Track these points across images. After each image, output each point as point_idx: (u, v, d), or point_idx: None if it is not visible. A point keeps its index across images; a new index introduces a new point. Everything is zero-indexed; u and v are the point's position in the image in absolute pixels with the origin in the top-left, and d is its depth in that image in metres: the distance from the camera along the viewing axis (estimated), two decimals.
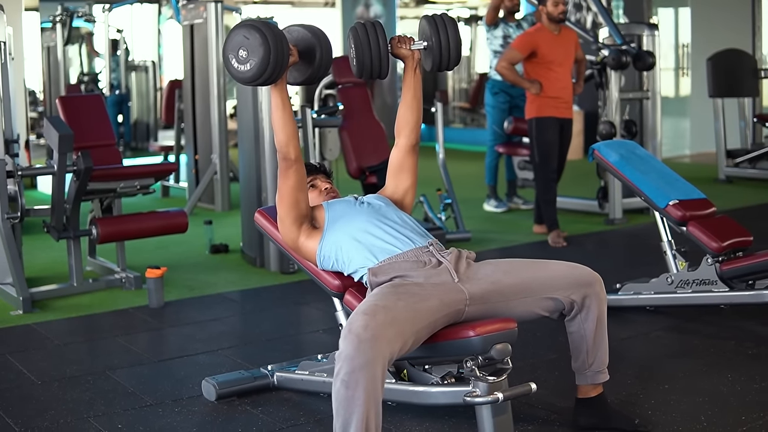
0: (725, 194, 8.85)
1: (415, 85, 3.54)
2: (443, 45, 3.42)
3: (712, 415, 3.43)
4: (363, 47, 3.32)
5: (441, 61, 3.45)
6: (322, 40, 3.36)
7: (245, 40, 3.14)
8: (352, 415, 2.66)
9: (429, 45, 3.46)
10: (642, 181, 4.83)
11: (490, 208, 8.41)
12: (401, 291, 2.97)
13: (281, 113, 3.27)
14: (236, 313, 5.30)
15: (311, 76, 3.41)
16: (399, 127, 3.61)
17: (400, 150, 3.62)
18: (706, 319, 4.72)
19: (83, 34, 14.96)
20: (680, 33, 12.86)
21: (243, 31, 3.15)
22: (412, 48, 3.48)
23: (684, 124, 12.98)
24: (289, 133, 3.28)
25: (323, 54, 3.36)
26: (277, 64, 3.14)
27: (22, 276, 5.29)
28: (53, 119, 5.20)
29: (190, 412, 3.63)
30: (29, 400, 3.80)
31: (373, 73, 3.36)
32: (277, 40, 3.13)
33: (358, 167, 6.95)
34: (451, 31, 3.42)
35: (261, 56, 3.11)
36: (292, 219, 3.37)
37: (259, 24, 3.16)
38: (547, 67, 6.88)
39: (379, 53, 3.33)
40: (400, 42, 3.48)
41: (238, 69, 3.18)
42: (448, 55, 3.44)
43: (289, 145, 3.28)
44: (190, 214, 7.84)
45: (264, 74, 3.15)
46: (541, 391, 3.38)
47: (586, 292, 3.16)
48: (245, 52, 3.14)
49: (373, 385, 2.66)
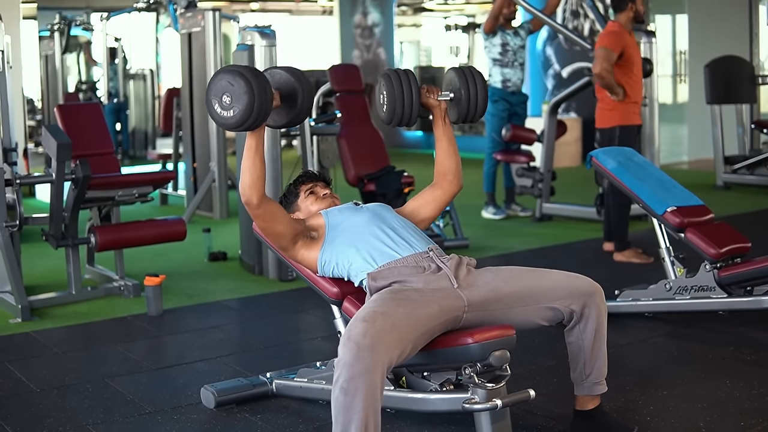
0: (723, 201, 8.85)
1: (448, 133, 3.60)
2: (471, 98, 3.46)
3: (710, 422, 3.43)
4: (396, 96, 3.36)
5: (468, 113, 3.49)
6: (303, 84, 3.34)
7: (230, 86, 3.11)
8: (351, 422, 2.66)
9: (455, 97, 3.49)
10: (640, 187, 4.84)
11: (488, 215, 8.41)
12: (400, 297, 2.98)
13: (252, 156, 3.22)
14: (235, 321, 5.30)
15: (292, 120, 3.39)
16: (441, 173, 3.64)
17: (443, 193, 3.64)
18: (704, 326, 4.72)
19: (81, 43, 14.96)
20: (678, 40, 12.88)
21: (228, 77, 3.12)
22: (439, 99, 3.52)
23: (682, 130, 13.00)
24: (255, 176, 3.22)
25: (305, 98, 3.34)
26: (260, 112, 3.11)
27: (21, 284, 5.29)
28: (51, 127, 5.20)
29: (189, 420, 3.63)
30: (28, 408, 3.80)
31: (403, 121, 3.41)
32: (261, 87, 3.10)
33: (356, 175, 6.96)
34: (480, 85, 3.46)
35: (245, 104, 3.08)
36: (281, 246, 3.41)
37: (244, 70, 3.13)
38: (630, 70, 6.49)
39: (411, 103, 3.38)
40: (428, 92, 3.53)
41: (221, 114, 3.15)
42: (476, 107, 3.47)
43: (252, 189, 3.22)
44: (189, 222, 7.84)
45: (247, 121, 3.12)
46: (540, 398, 3.38)
47: (585, 302, 3.16)
48: (229, 98, 3.11)
49: (372, 392, 2.67)
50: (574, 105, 12.46)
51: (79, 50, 14.99)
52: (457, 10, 17.71)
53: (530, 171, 8.16)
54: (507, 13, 8.18)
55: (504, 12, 8.16)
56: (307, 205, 3.60)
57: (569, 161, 12.12)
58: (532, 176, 8.11)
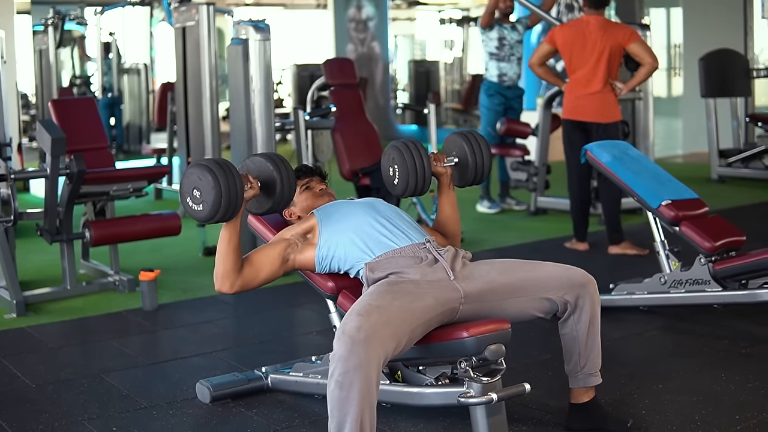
0: (718, 194, 8.87)
1: (452, 200, 3.67)
2: (478, 163, 3.58)
3: (706, 415, 3.44)
4: (409, 169, 3.43)
5: (475, 178, 3.61)
6: (283, 173, 3.29)
7: (198, 181, 3.10)
8: (347, 416, 2.66)
9: (461, 162, 3.59)
10: (634, 181, 4.84)
11: (483, 209, 8.42)
12: (396, 290, 2.98)
13: (225, 248, 3.23)
14: (230, 316, 5.30)
15: (272, 207, 3.36)
16: (441, 233, 3.65)
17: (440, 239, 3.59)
18: (699, 319, 4.73)
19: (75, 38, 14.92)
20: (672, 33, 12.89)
21: (197, 172, 3.11)
22: (445, 165, 3.59)
23: (676, 124, 13.01)
24: (228, 267, 3.23)
25: (284, 186, 3.30)
26: (229, 206, 3.10)
27: (16, 279, 5.28)
28: (46, 122, 5.19)
29: (184, 415, 3.63)
30: (23, 404, 3.79)
31: (416, 191, 3.48)
32: (229, 181, 3.08)
33: (351, 169, 6.95)
34: (484, 150, 3.60)
35: (213, 199, 3.08)
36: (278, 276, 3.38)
37: (212, 165, 3.11)
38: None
39: (424, 175, 3.44)
40: (435, 160, 3.57)
41: (192, 208, 3.15)
42: (482, 171, 3.60)
43: (224, 279, 3.24)
44: (183, 216, 7.83)
45: (216, 215, 3.11)
46: (535, 392, 3.39)
47: (579, 293, 3.17)
48: (198, 192, 3.11)
49: (368, 385, 2.67)
50: None
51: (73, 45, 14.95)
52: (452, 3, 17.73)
53: (525, 165, 8.17)
54: (504, 7, 8.18)
55: (500, 6, 8.16)
56: (302, 201, 3.58)
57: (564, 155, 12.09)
58: (527, 170, 8.12)
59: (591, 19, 6.53)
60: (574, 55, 6.51)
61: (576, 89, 6.56)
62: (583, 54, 6.49)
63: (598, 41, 6.45)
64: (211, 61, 8.35)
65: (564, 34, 6.57)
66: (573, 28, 6.60)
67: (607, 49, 6.43)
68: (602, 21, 6.56)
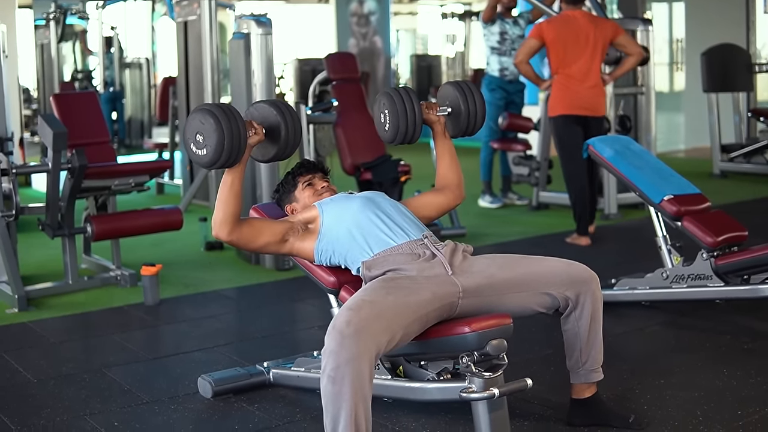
0: (720, 189, 8.86)
1: (450, 147, 3.65)
2: (471, 112, 3.53)
3: (708, 410, 3.44)
4: (399, 115, 3.40)
5: (468, 127, 3.56)
6: (287, 118, 3.29)
7: (201, 125, 3.10)
8: (340, 410, 2.66)
9: (454, 111, 3.56)
10: (637, 176, 4.84)
11: (485, 203, 8.42)
12: (392, 285, 2.98)
13: (227, 192, 3.21)
14: (232, 310, 5.30)
15: (277, 154, 3.35)
16: (443, 186, 3.67)
17: (444, 199, 3.65)
18: (701, 314, 4.73)
19: (77, 32, 14.90)
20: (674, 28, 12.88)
21: (199, 116, 3.11)
22: (437, 114, 3.57)
23: (678, 119, 13.01)
24: (228, 213, 3.21)
25: (289, 132, 3.30)
26: (232, 149, 3.10)
27: (17, 274, 5.28)
28: (47, 117, 5.19)
29: (186, 410, 3.63)
30: (25, 399, 3.80)
31: (406, 139, 3.45)
32: (231, 125, 3.08)
33: (353, 164, 6.95)
34: (478, 99, 3.54)
35: (215, 142, 3.07)
36: (271, 251, 3.42)
37: (214, 109, 3.11)
38: None
39: (414, 121, 3.41)
40: (427, 108, 3.56)
41: (196, 153, 3.14)
42: (475, 121, 3.55)
43: (222, 225, 3.22)
44: (185, 211, 7.83)
45: (220, 159, 3.10)
46: (537, 387, 3.38)
47: (580, 289, 3.16)
48: (201, 136, 3.10)
49: (360, 379, 2.66)
50: None
51: (74, 39, 14.93)
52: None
53: (527, 159, 8.16)
54: (506, 2, 8.18)
55: (503, 1, 8.15)
56: (304, 197, 3.57)
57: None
58: (529, 165, 8.11)
59: (577, 14, 6.61)
60: (568, 50, 6.54)
61: (572, 84, 6.57)
62: (577, 48, 6.53)
63: (591, 35, 6.51)
64: (213, 56, 8.35)
65: (554, 29, 6.58)
66: (562, 23, 6.62)
67: (600, 42, 6.52)
68: (588, 15, 6.69)
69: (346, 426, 2.66)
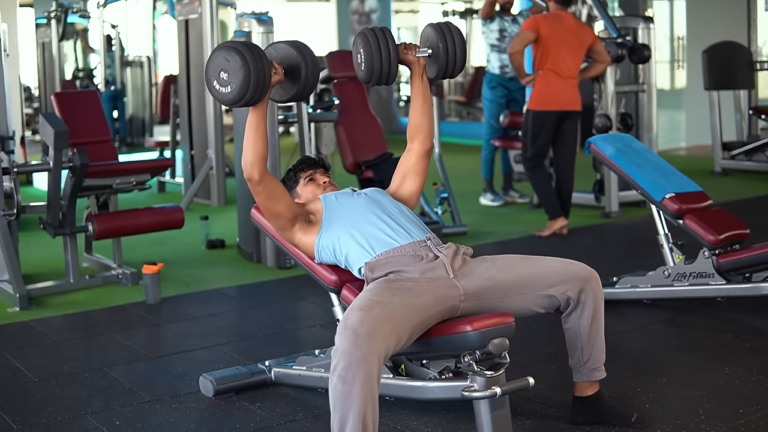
0: (721, 187, 8.85)
1: (424, 91, 3.55)
2: (449, 53, 3.41)
3: (709, 408, 3.43)
4: (373, 53, 3.32)
5: (447, 69, 3.44)
6: (307, 58, 3.32)
7: (226, 62, 3.10)
8: (350, 410, 2.66)
9: (434, 52, 3.45)
10: (638, 174, 4.83)
11: (486, 201, 8.41)
12: (396, 287, 2.97)
13: (254, 133, 3.23)
14: (233, 309, 5.30)
15: (297, 94, 3.37)
16: (412, 132, 3.60)
17: (414, 154, 3.60)
18: (703, 312, 4.72)
19: (78, 30, 14.90)
20: (675, 25, 12.87)
21: (223, 53, 3.11)
22: (417, 55, 3.48)
23: (680, 116, 13.00)
24: (257, 153, 3.23)
25: (309, 72, 3.32)
26: (257, 86, 3.11)
27: (19, 273, 5.28)
28: (49, 115, 5.19)
29: (187, 408, 3.63)
30: (27, 397, 3.80)
31: (381, 78, 3.36)
32: (257, 62, 3.09)
33: (355, 162, 6.94)
34: (457, 40, 3.42)
35: (241, 79, 3.08)
36: (279, 226, 3.40)
37: (239, 46, 3.12)
38: None
39: (389, 59, 3.33)
40: (406, 48, 3.48)
41: (219, 91, 3.15)
42: (454, 63, 3.43)
43: (254, 166, 3.24)
44: (187, 209, 7.83)
45: (245, 97, 3.11)
46: (539, 385, 3.38)
47: (581, 288, 3.15)
48: (226, 74, 3.11)
49: (370, 380, 2.66)
50: None
51: (76, 37, 14.94)
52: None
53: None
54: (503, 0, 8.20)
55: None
56: (306, 193, 3.59)
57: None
58: None
59: (566, 15, 6.88)
60: (560, 47, 6.74)
61: (557, 81, 6.79)
62: (567, 46, 6.76)
63: (578, 37, 6.80)
64: None
65: (549, 25, 6.77)
66: (555, 21, 6.82)
67: (583, 45, 6.84)
68: (574, 18, 7.00)
69: (355, 426, 2.65)
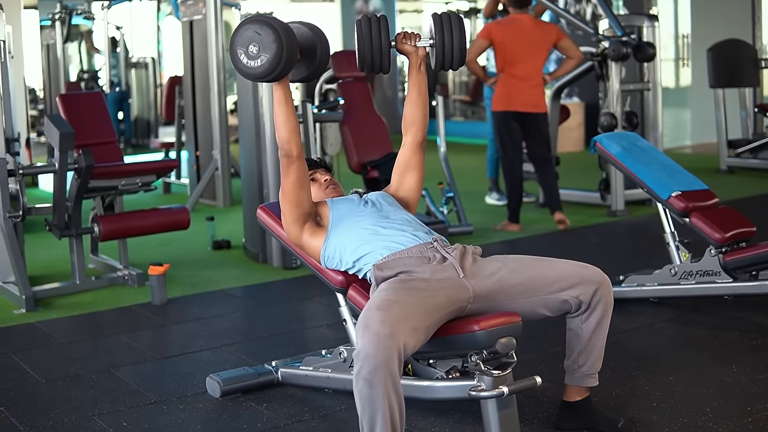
0: (727, 185, 8.84)
1: (420, 82, 3.51)
2: (446, 44, 3.32)
3: (717, 407, 3.43)
4: (365, 41, 3.28)
5: (444, 61, 3.36)
6: (321, 38, 3.35)
7: (257, 36, 3.10)
8: (377, 412, 2.64)
9: (435, 43, 3.37)
10: (644, 172, 4.82)
11: (492, 201, 8.41)
12: (409, 287, 2.95)
13: (284, 109, 3.24)
14: (239, 310, 5.30)
15: (311, 73, 3.40)
16: (406, 124, 3.57)
17: (407, 148, 3.58)
18: (709, 311, 4.71)
19: (82, 32, 14.94)
20: (680, 23, 12.84)
21: (254, 27, 3.11)
22: (417, 45, 3.42)
23: (685, 114, 12.97)
24: (291, 129, 3.25)
25: (323, 52, 3.35)
26: (288, 60, 3.11)
27: (25, 274, 5.29)
28: (54, 117, 5.19)
29: (194, 409, 3.63)
30: (33, 399, 3.80)
31: (374, 67, 3.31)
32: (288, 36, 3.11)
33: (360, 162, 6.95)
34: (456, 31, 3.32)
35: (274, 52, 3.08)
36: (295, 217, 3.36)
37: (270, 20, 3.14)
38: None
39: (380, 47, 3.28)
40: (405, 38, 3.43)
41: (247, 65, 3.13)
42: (451, 55, 3.34)
43: (290, 141, 3.25)
44: (192, 210, 7.84)
45: (275, 70, 3.12)
46: (546, 385, 3.37)
47: (593, 293, 3.08)
48: (256, 47, 3.10)
49: (393, 380, 2.64)
50: (577, 90, 12.45)
51: (80, 39, 14.97)
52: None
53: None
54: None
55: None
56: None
57: (573, 146, 12.11)
58: None
59: (524, 18, 7.05)
60: (515, 51, 6.94)
61: (514, 83, 6.97)
62: (522, 49, 6.94)
63: (536, 38, 6.96)
64: (219, 55, 8.36)
65: (502, 31, 6.99)
66: (509, 26, 7.04)
67: (544, 45, 6.98)
68: (533, 19, 7.13)
69: (384, 427, 2.64)
